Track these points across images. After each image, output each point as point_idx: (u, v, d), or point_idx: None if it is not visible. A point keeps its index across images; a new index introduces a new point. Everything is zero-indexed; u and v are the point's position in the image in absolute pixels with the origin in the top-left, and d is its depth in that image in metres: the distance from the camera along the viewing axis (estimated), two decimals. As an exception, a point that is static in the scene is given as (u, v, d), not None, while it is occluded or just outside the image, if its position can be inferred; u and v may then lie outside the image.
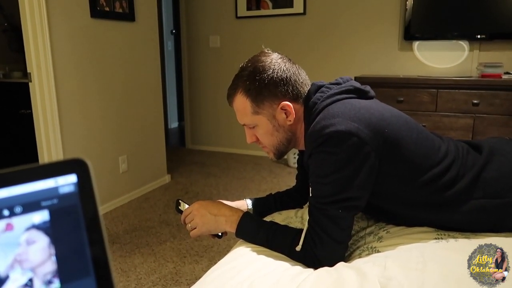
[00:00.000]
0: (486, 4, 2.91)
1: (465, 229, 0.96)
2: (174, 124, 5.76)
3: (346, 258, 0.97)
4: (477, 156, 1.00)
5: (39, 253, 0.26)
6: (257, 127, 1.04)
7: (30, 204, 0.27)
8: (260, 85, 0.99)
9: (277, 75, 0.99)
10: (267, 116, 1.02)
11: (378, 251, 0.94)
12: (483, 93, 2.73)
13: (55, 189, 0.28)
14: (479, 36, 2.96)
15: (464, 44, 3.11)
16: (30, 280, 0.26)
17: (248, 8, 3.82)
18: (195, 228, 1.08)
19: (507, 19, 2.87)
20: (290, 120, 1.02)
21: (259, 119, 1.02)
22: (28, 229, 0.26)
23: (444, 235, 0.94)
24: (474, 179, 0.95)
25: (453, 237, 0.93)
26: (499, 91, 2.69)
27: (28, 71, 2.24)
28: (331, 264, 0.90)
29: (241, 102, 1.02)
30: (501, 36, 2.93)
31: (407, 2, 3.11)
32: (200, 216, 1.07)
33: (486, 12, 2.92)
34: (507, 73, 2.86)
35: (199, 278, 0.93)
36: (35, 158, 2.38)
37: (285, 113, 1.01)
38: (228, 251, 1.05)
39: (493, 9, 2.90)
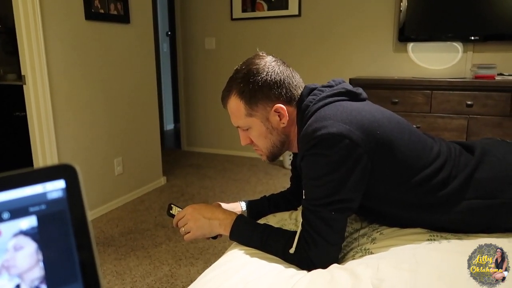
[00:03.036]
0: (479, 5, 2.93)
1: (458, 229, 0.97)
2: (169, 126, 5.75)
3: (340, 260, 0.98)
4: (469, 157, 1.01)
5: (27, 259, 0.26)
6: (251, 129, 1.04)
7: (18, 210, 0.27)
8: (254, 87, 0.99)
9: (270, 77, 0.99)
10: (260, 118, 1.02)
11: (372, 253, 0.94)
12: (476, 94, 2.75)
13: (43, 194, 0.28)
14: (472, 38, 2.98)
15: (458, 45, 3.13)
16: (18, 286, 0.26)
17: (243, 10, 3.82)
18: (189, 232, 1.08)
19: (500, 21, 2.90)
20: (283, 123, 1.03)
21: (252, 121, 1.02)
22: (15, 235, 0.27)
23: (437, 236, 0.95)
24: (467, 180, 0.95)
25: (446, 238, 0.93)
26: (493, 92, 2.71)
27: (22, 74, 2.23)
28: (325, 266, 0.90)
29: (235, 104, 1.02)
30: (495, 38, 2.95)
31: (402, 4, 3.13)
32: (194, 220, 1.07)
33: (480, 13, 2.94)
34: (500, 74, 2.88)
35: (195, 280, 0.93)
36: (30, 160, 2.37)
37: (279, 116, 1.02)
38: (223, 253, 1.06)
39: (486, 11, 2.93)
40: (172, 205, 1.19)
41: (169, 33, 5.41)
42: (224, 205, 1.19)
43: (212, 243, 2.21)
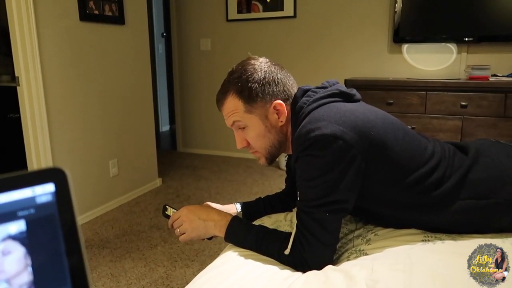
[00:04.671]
0: (474, 7, 2.95)
1: (452, 230, 0.97)
2: (165, 127, 5.74)
3: (335, 261, 0.98)
4: (463, 157, 1.02)
5: (15, 264, 0.26)
6: (248, 129, 1.03)
7: (6, 214, 0.27)
8: (252, 85, 0.99)
9: (268, 75, 1.00)
10: (259, 116, 1.01)
11: (366, 254, 0.94)
12: (471, 95, 2.76)
13: (32, 198, 0.27)
14: (467, 39, 3.00)
15: (452, 46, 3.15)
16: (6, 291, 0.26)
17: (239, 11, 3.82)
18: (184, 233, 1.08)
19: (494, 22, 2.91)
20: (282, 121, 1.03)
21: (251, 118, 1.01)
22: (3, 239, 0.26)
23: (431, 237, 0.95)
24: (461, 180, 0.96)
25: (440, 239, 0.94)
26: (487, 93, 2.72)
27: (16, 75, 2.22)
28: (320, 267, 0.90)
29: (233, 104, 1.01)
30: (489, 39, 2.97)
31: (396, 5, 3.14)
32: (189, 222, 1.07)
33: (474, 15, 2.96)
34: (494, 75, 2.90)
35: (190, 282, 0.93)
36: (24, 162, 2.35)
37: (277, 113, 1.02)
38: (219, 255, 1.05)
39: (480, 12, 2.94)
40: (167, 206, 1.19)
41: (165, 34, 5.40)
42: (219, 207, 1.18)
43: (208, 244, 2.21)
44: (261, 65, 1.01)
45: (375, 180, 0.93)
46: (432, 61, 3.23)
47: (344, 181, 0.87)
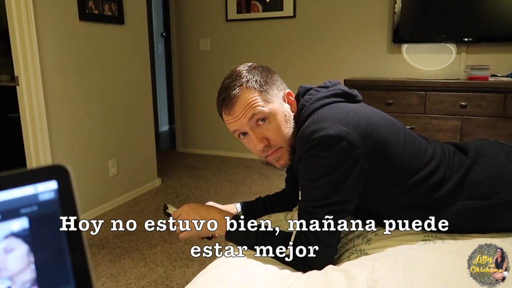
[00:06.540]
0: (473, 7, 2.95)
1: (452, 230, 0.97)
2: (164, 127, 5.73)
3: (335, 261, 0.98)
4: (463, 158, 1.02)
5: (18, 261, 0.26)
6: (269, 120, 0.96)
7: (8, 212, 0.26)
8: (262, 76, 0.97)
9: (264, 69, 1.00)
10: (277, 104, 0.98)
11: (367, 254, 0.94)
12: (470, 95, 2.76)
13: (35, 196, 0.27)
14: (466, 39, 3.00)
15: (452, 47, 3.15)
16: (8, 288, 0.26)
17: (238, 11, 3.82)
18: (185, 231, 1.08)
19: (493, 23, 2.92)
20: (293, 111, 1.02)
21: (271, 107, 0.96)
22: (6, 237, 0.26)
23: (431, 236, 0.95)
24: (460, 181, 0.96)
25: (440, 239, 0.94)
26: (486, 93, 2.72)
27: (15, 75, 2.21)
28: (320, 267, 0.90)
29: (249, 95, 0.94)
30: (488, 39, 2.98)
31: (396, 6, 3.14)
32: (190, 220, 1.07)
33: (473, 15, 2.96)
34: (493, 75, 2.90)
35: (190, 282, 0.93)
36: (23, 162, 2.35)
37: (289, 103, 1.02)
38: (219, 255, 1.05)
39: (480, 13, 2.95)
40: (167, 205, 1.19)
41: (164, 34, 5.40)
42: (219, 207, 1.18)
43: (207, 244, 2.20)
44: (256, 64, 1.01)
45: (377, 181, 0.93)
46: (432, 61, 3.23)
47: (348, 182, 0.87)
